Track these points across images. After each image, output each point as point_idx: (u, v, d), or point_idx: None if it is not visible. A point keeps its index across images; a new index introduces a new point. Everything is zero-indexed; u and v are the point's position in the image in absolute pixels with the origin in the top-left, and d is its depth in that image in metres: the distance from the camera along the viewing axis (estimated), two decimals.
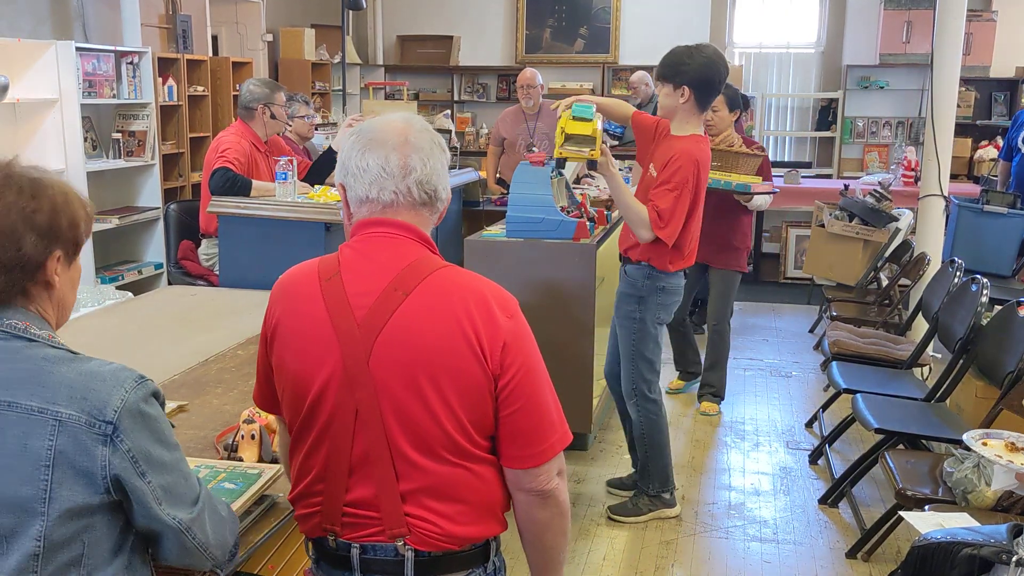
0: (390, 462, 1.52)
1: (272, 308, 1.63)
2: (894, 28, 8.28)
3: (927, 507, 2.69)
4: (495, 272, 3.84)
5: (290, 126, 4.94)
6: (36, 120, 5.10)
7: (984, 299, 3.63)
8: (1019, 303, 3.45)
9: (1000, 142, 7.24)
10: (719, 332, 4.72)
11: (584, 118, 3.17)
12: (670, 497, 3.62)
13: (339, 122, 6.18)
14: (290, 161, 4.19)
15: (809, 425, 4.61)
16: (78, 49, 5.12)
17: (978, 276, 3.80)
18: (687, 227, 3.31)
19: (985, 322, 3.64)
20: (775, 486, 3.94)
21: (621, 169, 5.14)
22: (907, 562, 2.15)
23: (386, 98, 7.98)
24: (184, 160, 6.17)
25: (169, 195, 5.96)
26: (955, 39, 4.91)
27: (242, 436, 2.00)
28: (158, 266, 5.81)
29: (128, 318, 3.30)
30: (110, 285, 5.13)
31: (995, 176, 6.90)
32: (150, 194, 5.82)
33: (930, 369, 4.51)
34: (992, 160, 7.59)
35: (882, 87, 8.63)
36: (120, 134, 5.66)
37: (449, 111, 8.61)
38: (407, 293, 1.51)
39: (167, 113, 6.01)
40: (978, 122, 8.25)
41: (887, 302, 5.44)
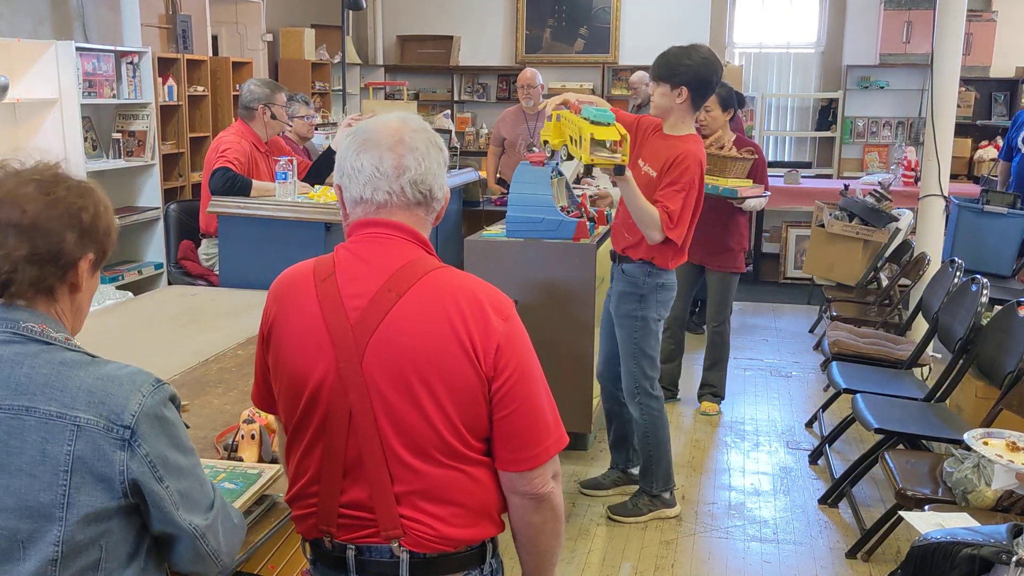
0: (384, 464, 1.51)
1: (269, 308, 1.63)
2: (894, 28, 8.28)
3: (927, 507, 2.69)
4: (495, 272, 3.84)
5: (290, 126, 4.94)
6: (36, 120, 5.10)
7: (984, 299, 3.63)
8: (1019, 303, 3.45)
9: (1000, 142, 7.23)
10: (719, 333, 4.73)
11: (605, 122, 3.02)
12: (670, 497, 3.62)
13: (339, 122, 6.17)
14: (290, 161, 4.20)
15: (809, 425, 4.61)
16: (78, 49, 5.12)
17: (978, 276, 3.80)
18: (689, 226, 3.33)
19: (985, 322, 3.64)
20: (775, 486, 3.94)
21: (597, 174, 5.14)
22: (907, 562, 2.15)
23: (386, 98, 7.98)
24: (184, 160, 6.17)
25: (169, 195, 5.96)
26: (955, 39, 4.90)
27: (242, 436, 2.00)
28: (158, 266, 5.81)
29: (128, 318, 3.30)
30: (110, 285, 5.13)
31: (995, 176, 6.91)
32: (150, 194, 5.82)
33: (930, 369, 4.51)
34: (992, 160, 7.60)
35: (882, 87, 8.62)
36: (120, 134, 5.66)
37: (449, 111, 8.61)
38: (400, 294, 1.51)
39: (167, 113, 6.01)
40: (978, 122, 8.25)
41: (887, 302, 5.44)
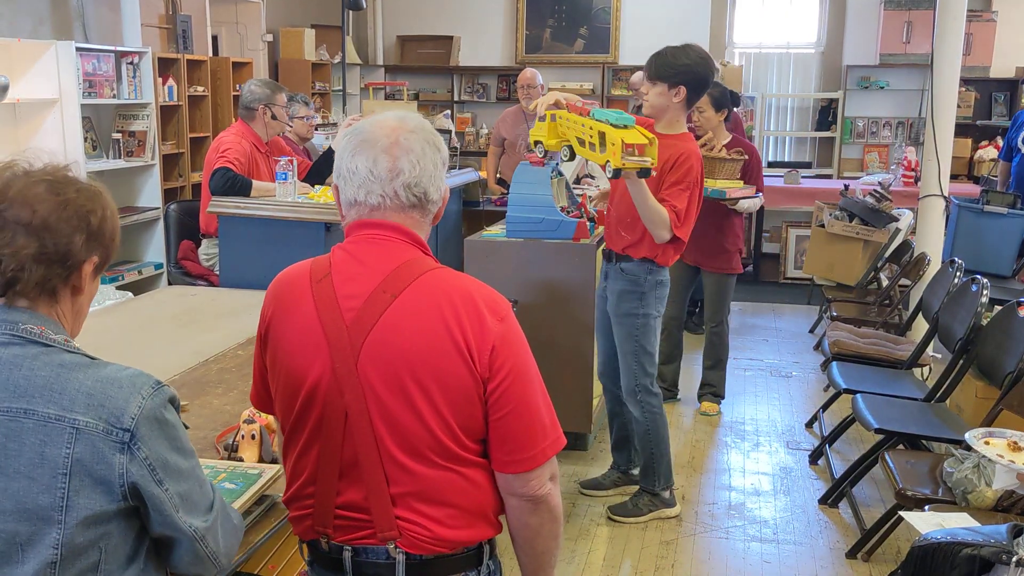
0: (380, 465, 1.51)
1: (266, 308, 1.63)
2: (894, 28, 8.28)
3: (927, 507, 2.69)
4: (495, 272, 3.84)
5: (291, 127, 4.94)
6: (36, 120, 5.10)
7: (984, 299, 3.63)
8: (1019, 303, 3.45)
9: (1000, 142, 7.24)
10: (717, 333, 4.73)
11: (627, 124, 2.99)
12: (670, 496, 3.62)
13: (339, 122, 6.17)
14: (290, 161, 4.20)
15: (809, 425, 4.61)
16: (78, 49, 5.12)
17: (978, 276, 3.80)
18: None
19: (985, 322, 3.64)
20: (775, 486, 3.94)
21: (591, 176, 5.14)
22: (907, 562, 2.15)
23: (386, 98, 7.99)
24: (184, 160, 6.17)
25: (169, 195, 5.96)
26: (955, 39, 4.90)
27: (242, 436, 2.00)
28: (158, 266, 5.81)
29: (128, 318, 3.30)
30: (110, 285, 5.14)
31: (995, 176, 6.91)
32: (150, 194, 5.82)
33: (930, 369, 4.51)
34: (992, 160, 7.60)
35: (882, 87, 8.62)
36: (120, 134, 5.66)
37: (449, 111, 8.62)
38: (395, 295, 1.50)
39: (167, 113, 6.01)
40: (978, 122, 8.25)
41: (887, 302, 5.44)
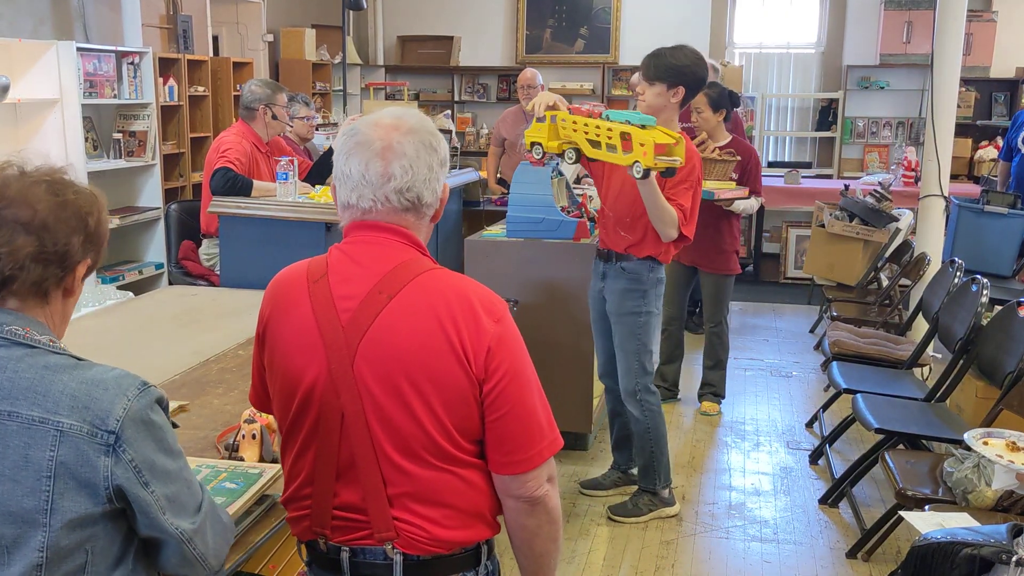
0: (376, 466, 1.51)
1: (264, 308, 1.63)
2: (894, 28, 8.28)
3: (927, 507, 2.69)
4: (495, 272, 3.84)
5: (291, 127, 4.94)
6: (37, 120, 5.10)
7: (984, 299, 3.63)
8: (1019, 303, 3.45)
9: (1000, 142, 7.24)
10: (716, 333, 4.73)
11: (646, 124, 2.99)
12: (669, 495, 3.63)
13: (339, 122, 6.18)
14: (291, 161, 4.20)
15: (809, 425, 4.61)
16: (79, 49, 5.13)
17: (978, 276, 3.80)
18: None
19: (985, 322, 3.64)
20: (775, 486, 3.94)
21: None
22: (907, 562, 2.15)
23: (386, 98, 7.99)
24: (185, 160, 6.18)
25: (170, 195, 5.96)
26: (955, 39, 4.91)
27: (243, 436, 2.00)
28: (159, 266, 5.81)
29: (129, 318, 3.30)
30: (111, 285, 5.13)
31: (995, 176, 6.91)
32: (151, 194, 5.82)
33: (930, 369, 4.51)
34: (992, 160, 7.60)
35: (882, 87, 8.62)
36: (121, 134, 5.66)
37: (449, 111, 8.62)
38: (392, 296, 1.50)
39: (168, 113, 6.01)
40: (978, 122, 8.25)
41: (887, 302, 5.45)
